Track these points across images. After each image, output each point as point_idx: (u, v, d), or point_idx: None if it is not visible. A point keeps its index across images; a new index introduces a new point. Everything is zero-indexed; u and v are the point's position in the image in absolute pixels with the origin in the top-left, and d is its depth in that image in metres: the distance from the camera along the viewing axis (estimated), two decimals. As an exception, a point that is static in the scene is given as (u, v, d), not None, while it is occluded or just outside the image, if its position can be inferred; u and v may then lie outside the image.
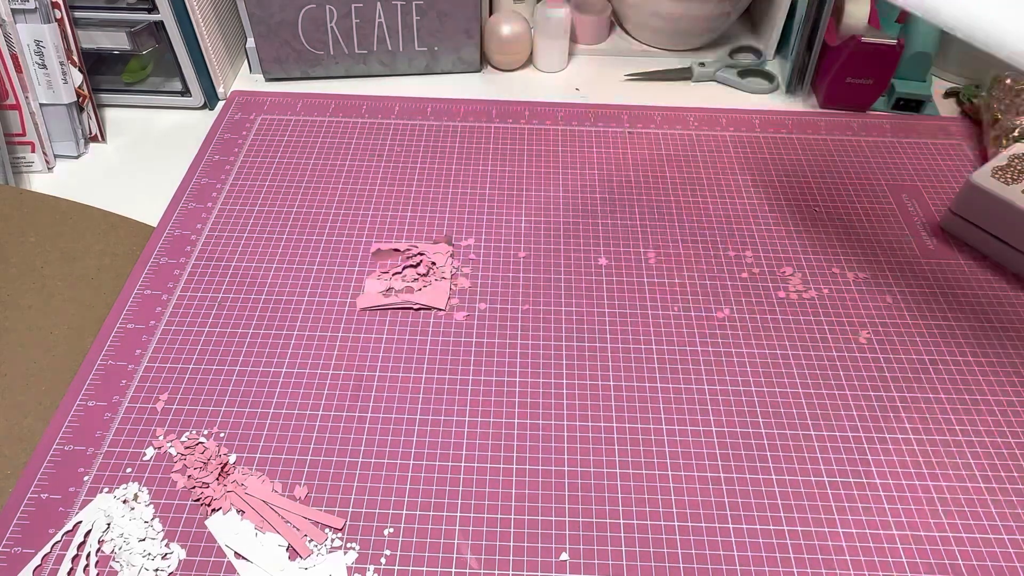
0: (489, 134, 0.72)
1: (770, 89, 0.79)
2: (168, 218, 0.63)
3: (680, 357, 0.54)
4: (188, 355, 0.53)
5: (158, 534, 0.44)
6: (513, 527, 0.45)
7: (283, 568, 0.43)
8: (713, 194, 0.67)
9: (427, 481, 0.47)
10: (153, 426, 0.49)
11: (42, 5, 0.63)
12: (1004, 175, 0.60)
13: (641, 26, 0.83)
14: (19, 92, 0.65)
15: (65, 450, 0.48)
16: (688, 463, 0.48)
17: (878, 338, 0.55)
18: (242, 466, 0.47)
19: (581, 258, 0.61)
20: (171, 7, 0.68)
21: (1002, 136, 0.67)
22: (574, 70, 0.83)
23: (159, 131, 0.74)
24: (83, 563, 0.43)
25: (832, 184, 0.68)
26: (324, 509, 0.45)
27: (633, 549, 0.44)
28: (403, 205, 0.65)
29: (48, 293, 0.57)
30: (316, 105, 0.76)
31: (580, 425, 0.50)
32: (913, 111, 0.76)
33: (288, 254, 0.61)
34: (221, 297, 0.57)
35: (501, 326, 0.56)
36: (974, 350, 0.55)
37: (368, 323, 0.56)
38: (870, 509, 0.46)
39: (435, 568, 0.43)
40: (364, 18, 0.76)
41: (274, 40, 0.76)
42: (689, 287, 0.59)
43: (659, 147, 0.71)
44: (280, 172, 0.68)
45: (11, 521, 0.45)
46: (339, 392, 0.51)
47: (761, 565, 0.43)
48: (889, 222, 0.65)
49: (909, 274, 0.60)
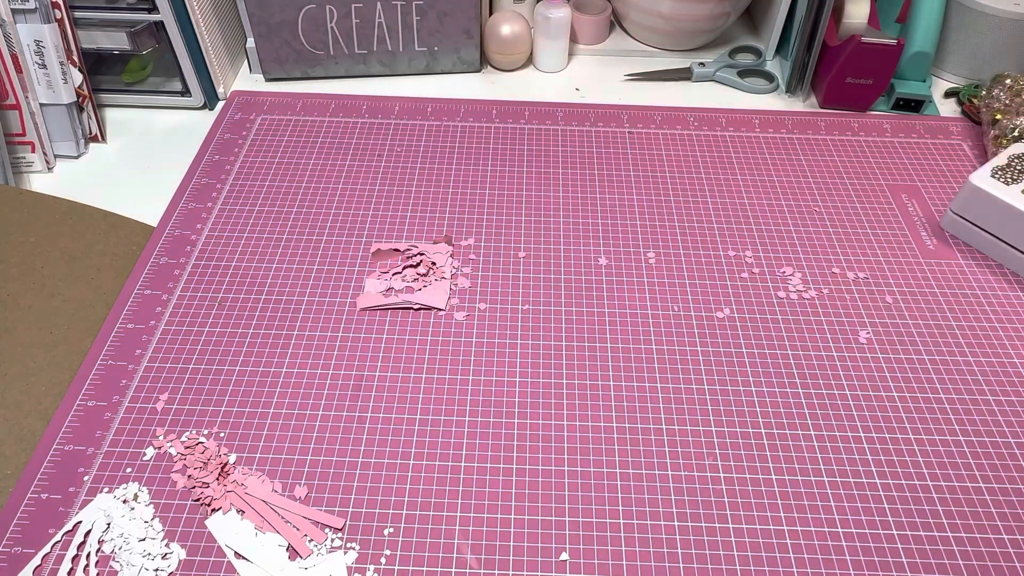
0: (489, 134, 0.72)
1: (770, 89, 0.79)
2: (168, 218, 0.63)
3: (680, 357, 0.54)
4: (188, 355, 0.53)
5: (158, 534, 0.44)
6: (513, 527, 0.45)
7: (283, 568, 0.43)
8: (713, 194, 0.67)
9: (427, 481, 0.47)
10: (153, 426, 0.49)
11: (42, 5, 0.63)
12: (1004, 175, 0.60)
13: (641, 26, 0.83)
14: (19, 92, 0.65)
15: (65, 450, 0.48)
16: (688, 463, 0.48)
17: (878, 338, 0.55)
18: (242, 466, 0.47)
19: (581, 258, 0.61)
20: (171, 7, 0.68)
21: (1002, 136, 0.67)
22: (574, 70, 0.83)
23: (159, 131, 0.74)
24: (83, 563, 0.43)
25: (832, 184, 0.68)
26: (324, 509, 0.45)
27: (633, 549, 0.44)
28: (403, 205, 0.65)
29: (48, 293, 0.57)
30: (316, 105, 0.76)
31: (580, 425, 0.50)
32: (913, 111, 0.76)
33: (288, 254, 0.61)
34: (221, 297, 0.57)
35: (501, 326, 0.56)
36: (974, 350, 0.55)
37: (368, 323, 0.56)
38: (870, 509, 0.46)
39: (435, 568, 0.43)
40: (364, 18, 0.76)
41: (274, 40, 0.76)
42: (689, 287, 0.59)
43: (659, 147, 0.71)
44: (280, 172, 0.68)
45: (11, 521, 0.45)
46: (339, 392, 0.51)
47: (761, 565, 0.43)
48: (889, 222, 0.65)
49: (909, 274, 0.60)
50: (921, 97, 0.75)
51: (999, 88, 0.70)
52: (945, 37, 0.78)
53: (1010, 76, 0.70)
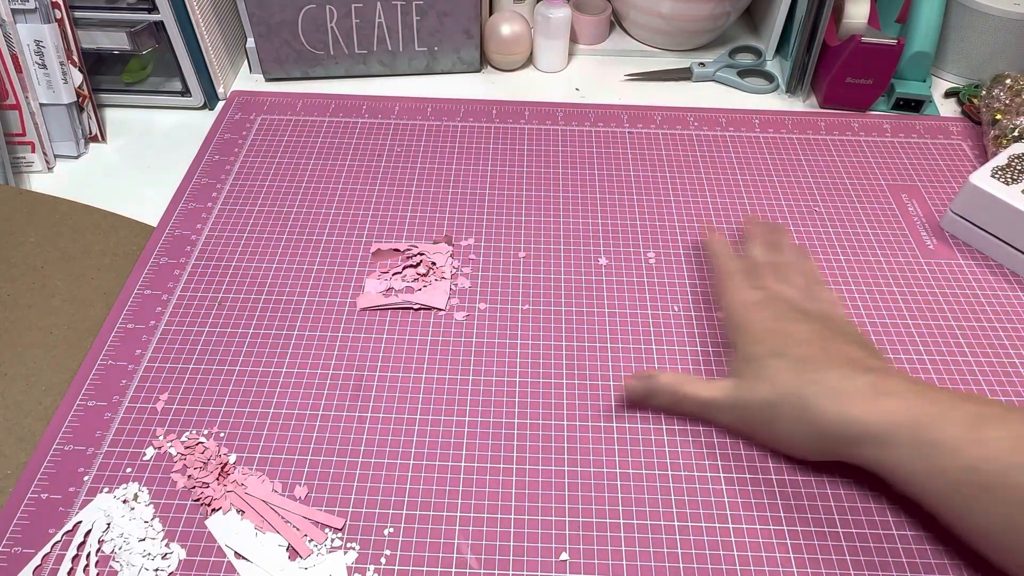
0: (489, 134, 0.72)
1: (770, 89, 0.79)
2: (168, 218, 0.63)
3: (680, 357, 0.54)
4: (188, 355, 0.53)
5: (158, 534, 0.44)
6: (513, 527, 0.45)
7: (283, 568, 0.43)
8: (713, 194, 0.67)
9: (427, 481, 0.47)
10: (153, 426, 0.49)
11: (42, 5, 0.63)
12: (1004, 175, 0.60)
13: (641, 26, 0.83)
14: (19, 92, 0.65)
15: (65, 450, 0.48)
16: (688, 463, 0.48)
17: (877, 338, 0.55)
18: (242, 466, 0.47)
19: (581, 258, 0.61)
20: (171, 7, 0.68)
21: (1002, 136, 0.67)
22: (574, 70, 0.83)
23: (159, 131, 0.74)
24: (83, 563, 0.43)
25: (832, 184, 0.68)
26: (324, 509, 0.45)
27: (633, 549, 0.44)
28: (403, 205, 0.65)
29: (48, 293, 0.57)
30: (316, 105, 0.76)
31: (580, 425, 0.50)
32: (913, 111, 0.76)
33: (288, 254, 0.61)
34: (221, 297, 0.57)
35: (501, 326, 0.56)
36: (974, 350, 0.55)
37: (368, 323, 0.56)
38: (870, 509, 0.46)
39: (435, 568, 0.43)
40: (364, 18, 0.76)
41: (274, 40, 0.76)
42: (689, 287, 0.59)
43: (659, 147, 0.71)
44: (280, 172, 0.68)
45: (11, 521, 0.45)
46: (339, 392, 0.51)
47: (761, 565, 0.43)
48: (889, 222, 0.65)
49: (909, 274, 0.60)
50: (921, 97, 0.75)
51: (999, 88, 0.70)
52: (945, 37, 0.78)
53: (1010, 76, 0.70)
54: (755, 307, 0.49)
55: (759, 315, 0.48)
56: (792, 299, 0.50)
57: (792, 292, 0.51)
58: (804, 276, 0.53)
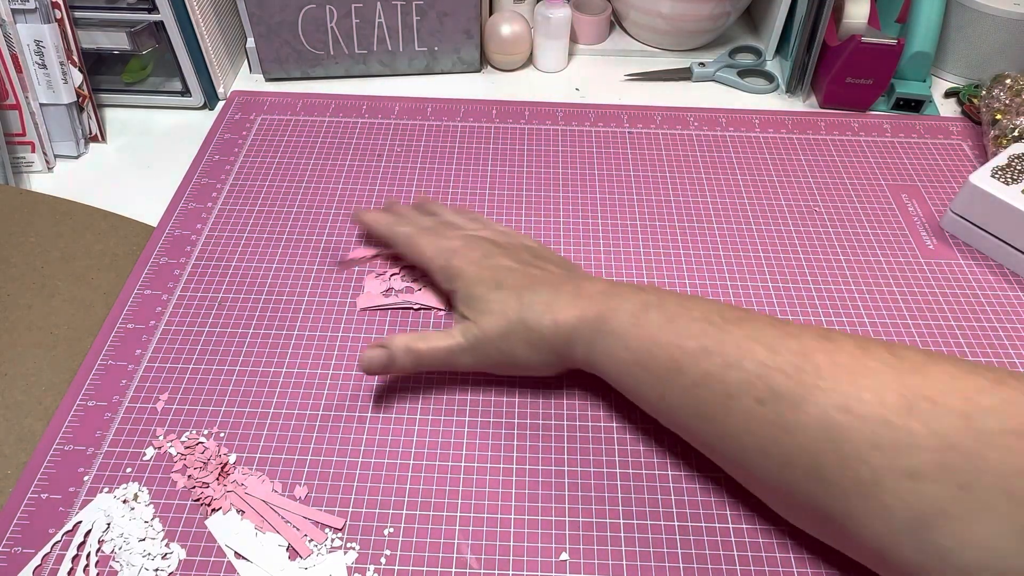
0: (489, 134, 0.72)
1: (770, 89, 0.79)
2: (168, 218, 0.63)
3: (680, 357, 0.54)
4: (188, 355, 0.53)
5: (158, 534, 0.44)
6: (513, 527, 0.45)
7: (283, 568, 0.43)
8: (713, 194, 0.67)
9: (427, 481, 0.47)
10: (153, 426, 0.49)
11: (42, 5, 0.63)
12: (1004, 175, 0.60)
13: (641, 26, 0.83)
14: (19, 92, 0.65)
15: (65, 450, 0.48)
16: (688, 463, 0.48)
17: (877, 337, 0.55)
18: (242, 466, 0.47)
19: (581, 258, 0.61)
20: (171, 7, 0.68)
21: (1002, 136, 0.67)
22: (574, 70, 0.83)
23: (159, 131, 0.74)
24: (83, 563, 0.43)
25: (832, 184, 0.68)
26: (324, 509, 0.45)
27: (633, 549, 0.44)
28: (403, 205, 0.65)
29: (48, 293, 0.57)
30: (316, 105, 0.76)
31: (580, 425, 0.50)
32: (913, 111, 0.76)
33: (288, 254, 0.61)
34: (221, 297, 0.57)
35: (501, 326, 0.56)
36: (974, 350, 0.55)
37: (368, 323, 0.56)
38: (870, 509, 0.46)
39: (435, 568, 0.43)
40: (364, 18, 0.76)
41: (274, 40, 0.76)
42: (689, 287, 0.59)
43: (659, 147, 0.71)
44: (280, 172, 0.68)
45: (11, 521, 0.45)
46: (339, 392, 0.51)
47: (761, 565, 0.43)
48: (889, 222, 0.65)
49: (909, 274, 0.60)
50: (921, 97, 0.75)
51: (999, 88, 0.70)
52: (945, 37, 0.78)
53: (1010, 76, 0.70)
54: (461, 251, 0.52)
55: (468, 257, 0.51)
56: (488, 237, 0.53)
57: (485, 231, 0.54)
58: (478, 220, 0.57)
